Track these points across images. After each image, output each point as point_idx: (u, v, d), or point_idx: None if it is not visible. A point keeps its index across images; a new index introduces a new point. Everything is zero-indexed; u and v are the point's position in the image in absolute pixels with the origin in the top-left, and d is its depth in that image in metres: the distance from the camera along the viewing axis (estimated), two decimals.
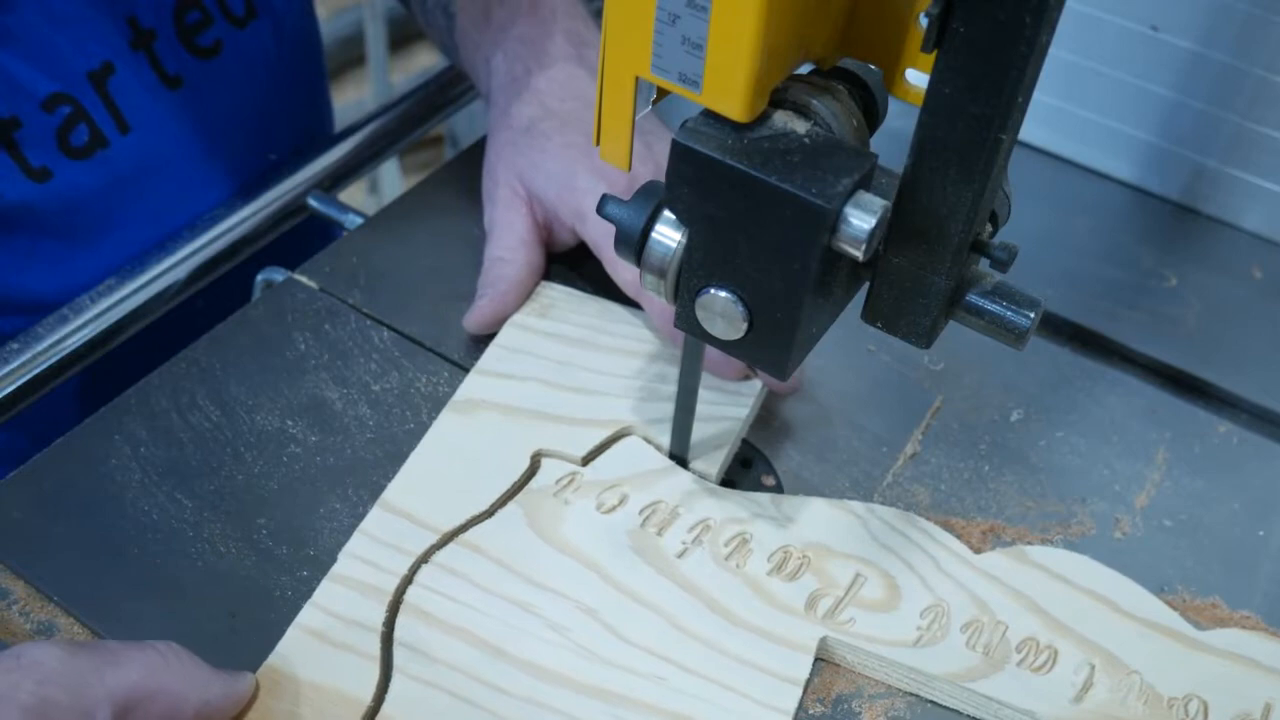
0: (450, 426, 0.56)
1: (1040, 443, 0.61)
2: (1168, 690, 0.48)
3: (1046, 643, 0.50)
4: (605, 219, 0.46)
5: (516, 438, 0.55)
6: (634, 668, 0.48)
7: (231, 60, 0.71)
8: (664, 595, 0.50)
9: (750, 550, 0.52)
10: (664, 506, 0.53)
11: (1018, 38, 0.36)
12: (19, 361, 0.61)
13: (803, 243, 0.41)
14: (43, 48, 0.63)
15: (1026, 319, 0.44)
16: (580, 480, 0.54)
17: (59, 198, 0.65)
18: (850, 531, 0.53)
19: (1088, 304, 0.68)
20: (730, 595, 0.51)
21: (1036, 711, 0.48)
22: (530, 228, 0.63)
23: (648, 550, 0.52)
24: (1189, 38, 0.69)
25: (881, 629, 0.50)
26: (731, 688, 0.48)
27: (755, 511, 0.54)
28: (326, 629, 0.49)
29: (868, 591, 0.51)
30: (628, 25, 0.40)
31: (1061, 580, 0.52)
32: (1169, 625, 0.51)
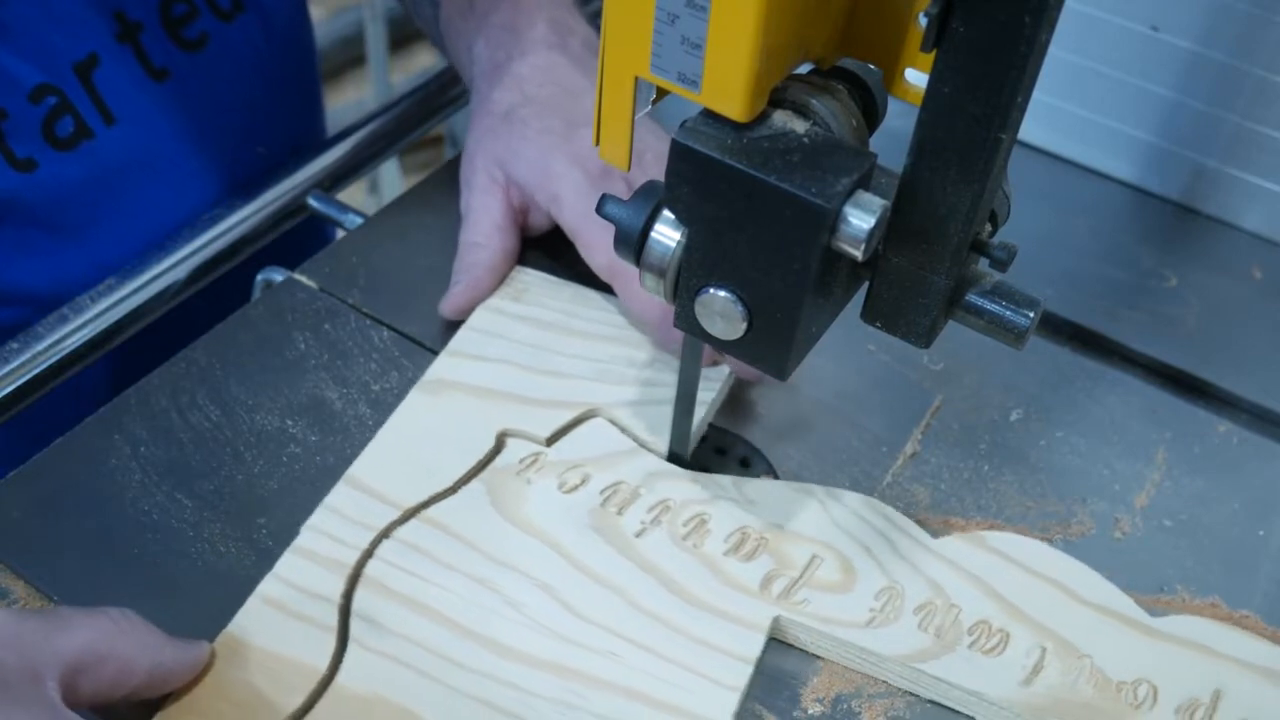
0: (418, 406, 0.57)
1: (1040, 443, 0.61)
2: (1118, 674, 0.49)
3: (999, 626, 0.50)
4: (605, 219, 0.46)
5: (483, 418, 0.56)
6: (588, 644, 0.49)
7: (218, 54, 0.71)
8: (621, 573, 0.51)
9: (709, 531, 0.53)
10: (625, 487, 0.54)
11: (1017, 37, 0.36)
12: (19, 361, 0.61)
13: (802, 242, 0.41)
14: (31, 39, 0.63)
15: (1026, 319, 0.44)
16: (544, 460, 0.55)
17: (44, 189, 0.65)
18: (810, 514, 0.54)
19: (1088, 304, 0.68)
20: (687, 574, 0.51)
21: (985, 693, 0.48)
22: (505, 213, 0.63)
23: (607, 529, 0.52)
24: (1189, 38, 0.69)
25: (835, 610, 0.50)
26: (683, 665, 0.48)
27: (716, 493, 0.54)
28: (286, 600, 0.49)
29: (823, 573, 0.52)
30: (627, 25, 0.40)
31: (1018, 565, 0.52)
32: (1122, 611, 0.51)
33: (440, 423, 0.56)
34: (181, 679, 0.46)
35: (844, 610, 0.50)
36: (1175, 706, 0.48)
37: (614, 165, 0.45)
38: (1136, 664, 0.49)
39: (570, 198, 0.61)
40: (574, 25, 0.67)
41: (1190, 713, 0.48)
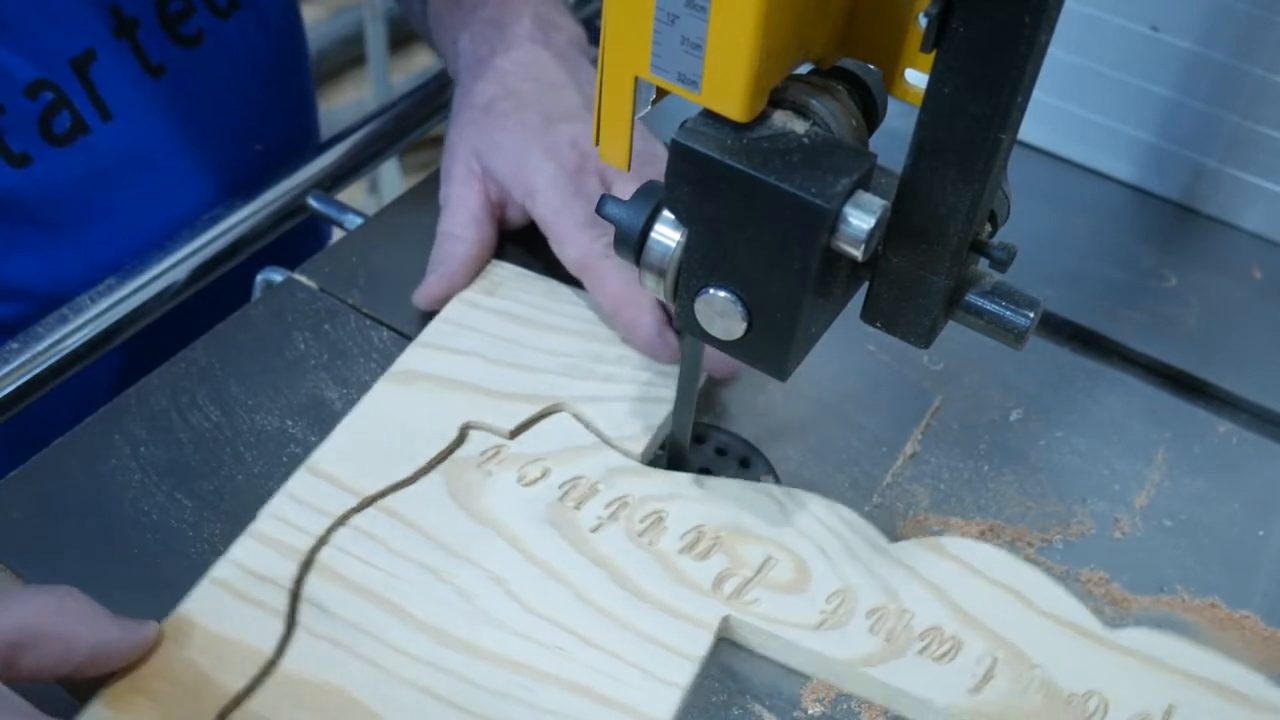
0: (385, 396, 0.57)
1: (1040, 443, 0.61)
2: (1069, 686, 0.48)
3: (951, 633, 0.50)
4: (605, 219, 0.46)
5: (449, 409, 0.56)
6: (536, 637, 0.49)
7: (215, 51, 0.71)
8: (573, 568, 0.51)
9: (665, 528, 0.53)
10: (584, 482, 0.54)
11: (1017, 37, 0.36)
12: (19, 361, 0.61)
13: (802, 242, 0.41)
14: (27, 34, 0.63)
15: (1026, 319, 0.44)
16: (505, 453, 0.55)
17: (40, 185, 0.65)
18: (767, 515, 0.53)
19: (1088, 304, 0.68)
20: (639, 571, 0.51)
21: (933, 700, 0.48)
22: (483, 205, 0.64)
23: (563, 524, 0.53)
24: (1189, 38, 0.69)
25: (785, 611, 0.50)
26: (629, 661, 0.48)
27: (674, 491, 0.54)
28: (237, 583, 0.49)
29: (777, 574, 0.51)
30: (627, 25, 0.40)
31: (975, 573, 0.52)
32: (1078, 622, 0.50)
33: (405, 413, 0.56)
34: (126, 658, 0.46)
35: (794, 612, 0.50)
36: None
37: (614, 165, 0.45)
38: (1089, 676, 0.49)
39: (545, 192, 0.61)
40: (560, 21, 0.67)
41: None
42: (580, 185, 0.62)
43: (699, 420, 0.59)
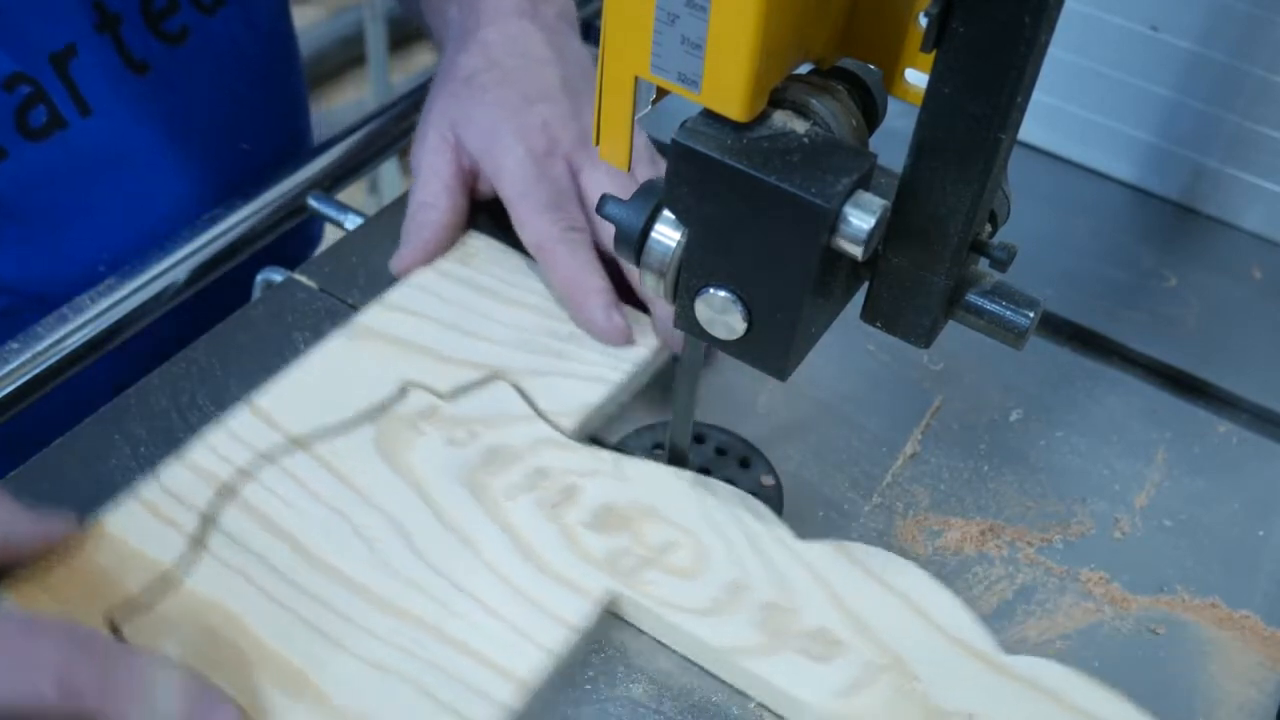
0: (336, 348, 0.59)
1: (1040, 443, 0.61)
2: (946, 703, 0.47)
3: (837, 636, 0.49)
4: (605, 219, 0.46)
5: (394, 367, 0.58)
6: (425, 588, 0.50)
7: (199, 48, 0.71)
8: (479, 530, 0.52)
9: (576, 502, 0.53)
10: (509, 450, 0.55)
11: (1017, 37, 0.36)
12: (19, 361, 0.61)
13: (802, 242, 0.41)
14: (7, 27, 0.62)
15: (1026, 318, 0.44)
16: (439, 414, 0.56)
17: (15, 179, 0.65)
18: (680, 500, 0.54)
19: (1088, 304, 0.68)
20: (540, 539, 0.52)
21: (802, 699, 0.48)
22: (455, 174, 0.64)
23: (479, 487, 0.53)
24: (1189, 38, 0.69)
25: (676, 595, 0.50)
26: (509, 622, 0.49)
27: (595, 468, 0.55)
28: (156, 501, 0.51)
29: (676, 558, 0.52)
30: (627, 25, 0.40)
31: (877, 581, 0.51)
32: (972, 642, 0.49)
33: (352, 366, 0.58)
34: (35, 551, 0.47)
35: (684, 596, 0.50)
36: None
37: (614, 165, 0.45)
38: (971, 697, 0.48)
39: (511, 172, 0.62)
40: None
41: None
42: (546, 169, 0.62)
43: (699, 420, 0.59)
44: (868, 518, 0.57)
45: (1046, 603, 0.54)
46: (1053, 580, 0.55)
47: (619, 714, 0.48)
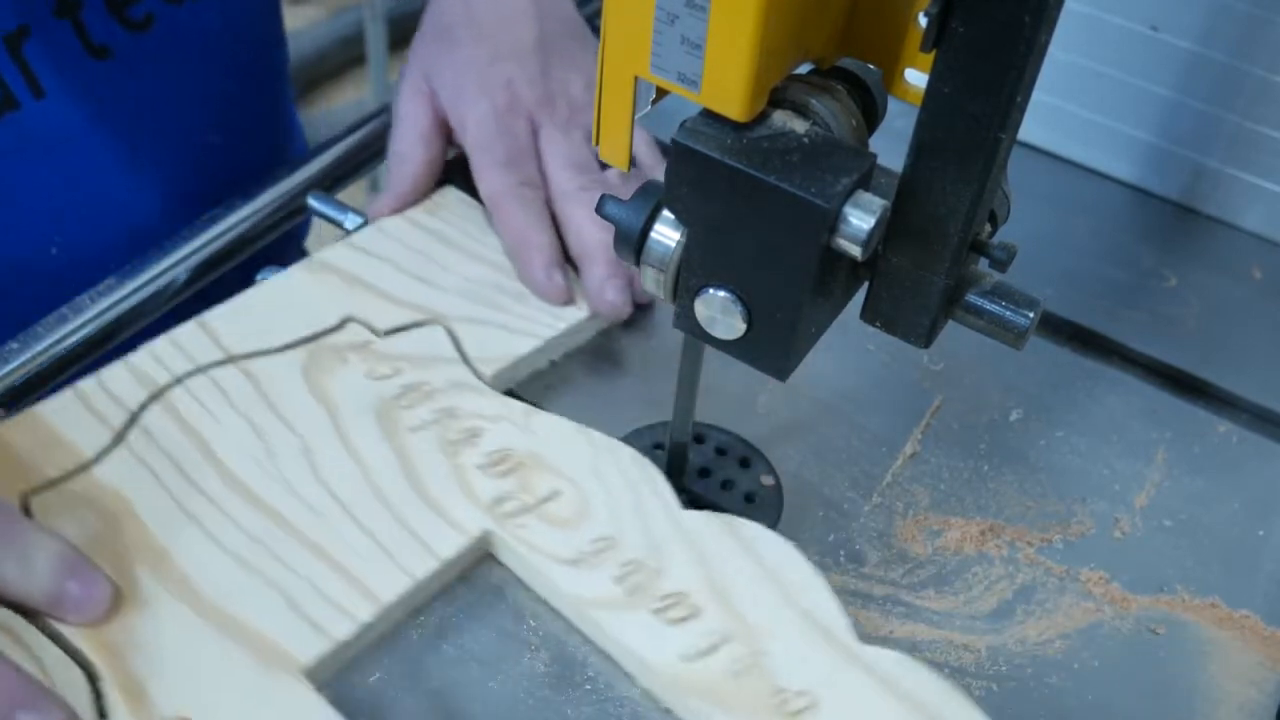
0: (293, 279, 0.62)
1: (1040, 443, 0.61)
2: (786, 679, 0.47)
3: (695, 602, 0.49)
4: (605, 218, 0.46)
5: (341, 302, 0.61)
6: (311, 503, 0.52)
7: (166, 37, 0.70)
8: (375, 456, 0.54)
9: (475, 445, 0.55)
10: (426, 389, 0.57)
11: (1017, 37, 0.36)
12: (19, 361, 0.61)
13: (802, 242, 0.41)
14: None
15: (1026, 318, 0.44)
16: (370, 348, 0.59)
17: None
18: (576, 454, 0.55)
19: (1088, 304, 0.68)
20: (432, 474, 0.53)
21: (646, 658, 0.48)
22: (431, 124, 0.67)
23: (387, 417, 0.56)
24: (1189, 38, 0.69)
25: (547, 542, 0.51)
26: (379, 542, 0.51)
27: (501, 414, 0.56)
28: (92, 396, 0.55)
29: (557, 507, 0.53)
30: (627, 25, 0.40)
31: (752, 557, 0.51)
32: (828, 625, 0.49)
33: (303, 297, 0.61)
34: None
35: (555, 545, 0.51)
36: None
37: (614, 165, 0.45)
38: (810, 677, 0.47)
39: (473, 126, 0.64)
40: None
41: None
42: (507, 125, 0.64)
43: (699, 420, 0.59)
44: (868, 517, 0.57)
45: (1046, 602, 0.54)
46: (1053, 580, 0.55)
47: (619, 714, 0.48)
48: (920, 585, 0.54)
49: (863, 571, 0.55)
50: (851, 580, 0.54)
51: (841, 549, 0.55)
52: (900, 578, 0.54)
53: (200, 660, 0.47)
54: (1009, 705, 0.50)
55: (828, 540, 0.56)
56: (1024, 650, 0.52)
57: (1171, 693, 0.51)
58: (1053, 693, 0.51)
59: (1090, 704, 0.51)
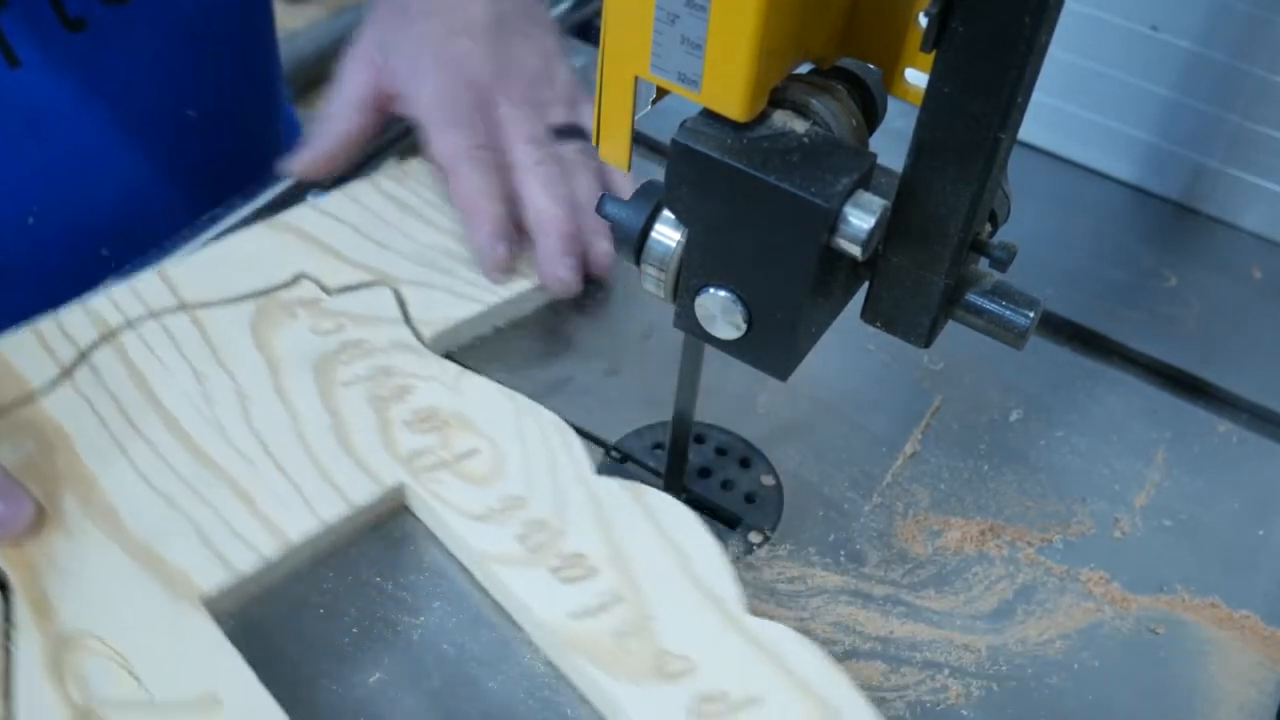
0: (256, 235, 0.64)
1: (1040, 442, 0.61)
2: (670, 643, 0.48)
3: (593, 563, 0.51)
4: (605, 218, 0.46)
5: (297, 260, 0.63)
6: (238, 445, 0.54)
7: (143, 11, 0.71)
8: (306, 405, 0.56)
9: (404, 401, 0.57)
10: (365, 346, 0.59)
11: (1017, 37, 0.36)
12: None
13: (802, 242, 0.41)
14: None
15: (1026, 318, 0.44)
16: (318, 305, 0.61)
17: None
18: (499, 415, 0.56)
19: (1088, 304, 0.68)
20: (358, 425, 0.56)
21: (537, 612, 0.49)
22: (370, 95, 0.68)
23: (323, 371, 0.58)
24: (1189, 38, 0.69)
25: (458, 497, 0.53)
26: (296, 485, 0.53)
27: (434, 375, 0.58)
28: (48, 333, 0.58)
29: (473, 465, 0.54)
30: (627, 25, 0.40)
31: (654, 525, 0.52)
32: (721, 596, 0.50)
33: (262, 253, 0.63)
34: None
35: (466, 500, 0.53)
36: (701, 692, 0.47)
37: (614, 165, 0.45)
38: (696, 644, 0.48)
39: (428, 98, 0.65)
40: None
41: (711, 702, 0.47)
42: (460, 96, 0.65)
43: (699, 420, 0.59)
44: (868, 517, 0.57)
45: (1046, 602, 0.54)
46: (1053, 580, 0.55)
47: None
48: (920, 585, 0.54)
49: (863, 571, 0.55)
50: (852, 580, 0.54)
51: (842, 549, 0.55)
52: (900, 578, 0.54)
53: (110, 584, 0.49)
54: (1009, 705, 0.50)
55: (828, 540, 0.56)
56: (1024, 650, 0.52)
57: (1171, 693, 0.51)
58: (1053, 693, 0.51)
59: (1090, 704, 0.51)
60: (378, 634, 0.50)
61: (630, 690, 0.47)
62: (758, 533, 0.56)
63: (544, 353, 0.63)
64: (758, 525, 0.56)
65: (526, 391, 0.60)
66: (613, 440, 0.59)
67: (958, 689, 0.51)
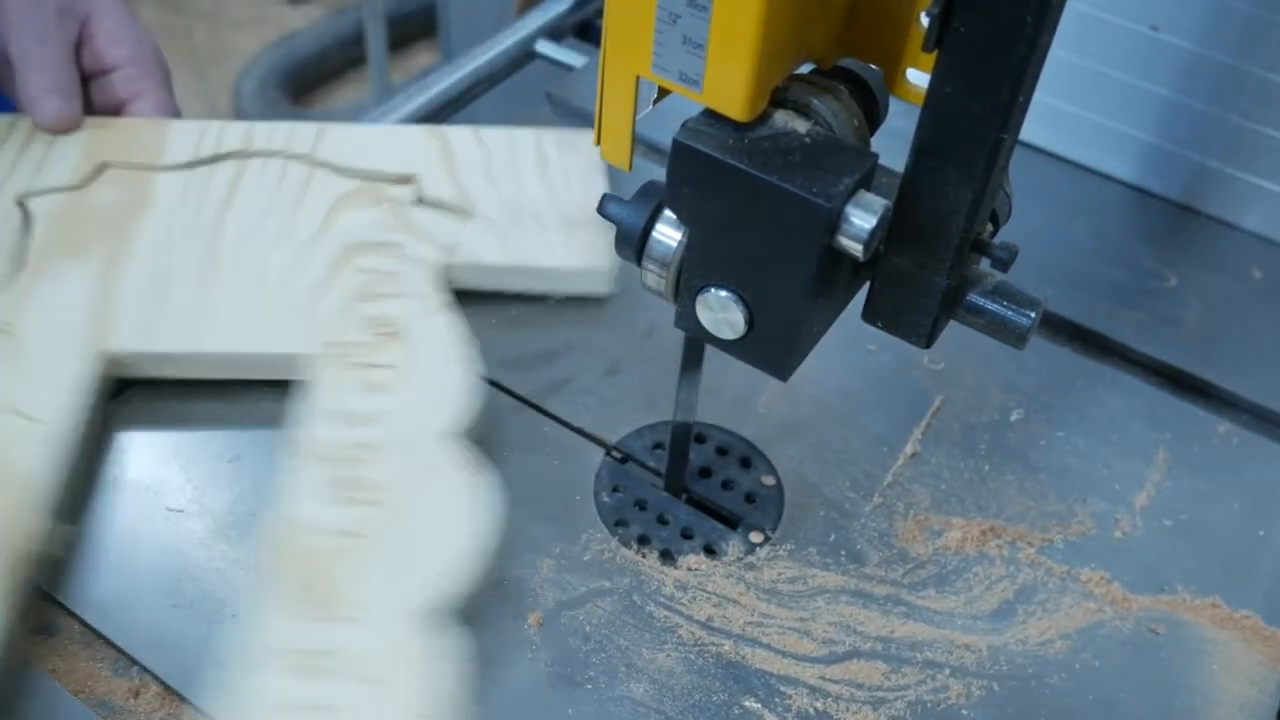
0: (411, 133, 0.71)
1: (1040, 443, 0.61)
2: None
3: (378, 482, 0.52)
4: (606, 218, 0.46)
5: (426, 165, 0.67)
6: (237, 267, 0.61)
7: None
8: (312, 263, 0.61)
9: (379, 302, 0.59)
10: (399, 251, 0.63)
11: (1018, 38, 0.36)
12: None
13: (803, 242, 0.41)
14: None
15: (1027, 319, 0.44)
16: (401, 209, 0.65)
17: None
18: (433, 354, 0.58)
19: (1088, 304, 0.68)
20: (332, 302, 0.59)
21: (294, 507, 0.51)
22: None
23: (352, 252, 0.62)
24: (1189, 38, 0.69)
25: (336, 389, 0.56)
26: (245, 309, 0.59)
27: (422, 299, 0.60)
28: (209, 132, 0.67)
29: (376, 375, 0.56)
30: (628, 24, 0.40)
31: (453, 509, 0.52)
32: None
33: (404, 149, 0.68)
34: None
35: (339, 394, 0.56)
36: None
37: (615, 165, 0.45)
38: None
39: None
40: None
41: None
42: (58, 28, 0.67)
43: (699, 420, 0.59)
44: (868, 517, 0.57)
45: (1047, 603, 0.54)
46: (1053, 580, 0.55)
47: (619, 714, 0.48)
48: (921, 585, 0.54)
49: (864, 571, 0.55)
50: (852, 580, 0.54)
51: (842, 549, 0.55)
52: (901, 578, 0.54)
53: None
54: (1009, 705, 0.50)
55: (828, 540, 0.56)
56: (1025, 650, 0.52)
57: (1171, 693, 0.51)
58: (1053, 692, 0.51)
59: (1091, 704, 0.51)
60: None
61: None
62: (758, 533, 0.56)
63: (544, 353, 0.63)
64: (758, 525, 0.56)
65: (527, 391, 0.60)
66: (613, 440, 0.59)
67: (958, 689, 0.51)
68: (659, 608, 0.52)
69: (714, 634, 0.52)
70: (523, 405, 0.60)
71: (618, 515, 0.56)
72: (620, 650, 0.51)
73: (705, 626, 0.52)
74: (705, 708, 0.49)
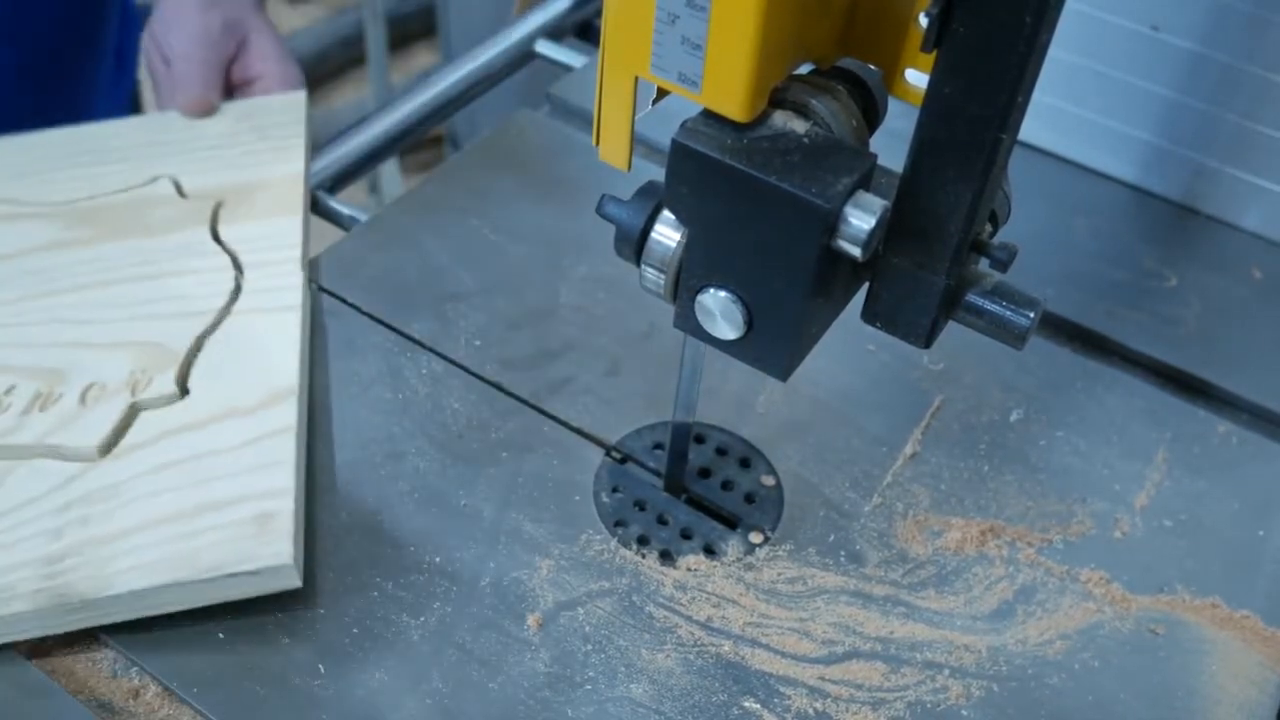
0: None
1: (1040, 443, 0.61)
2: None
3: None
4: (605, 219, 0.46)
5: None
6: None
7: None
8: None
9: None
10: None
11: (1017, 38, 0.36)
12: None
13: (802, 243, 0.41)
14: None
15: (1026, 319, 0.44)
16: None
17: None
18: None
19: (1088, 304, 0.68)
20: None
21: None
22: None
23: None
24: (1189, 38, 0.69)
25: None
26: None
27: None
28: None
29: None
30: (627, 25, 0.40)
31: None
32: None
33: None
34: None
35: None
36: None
37: (614, 165, 0.45)
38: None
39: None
40: None
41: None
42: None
43: (699, 420, 0.59)
44: (868, 517, 0.57)
45: (1047, 603, 0.54)
46: (1053, 580, 0.55)
47: (619, 714, 0.48)
48: (921, 585, 0.54)
49: (863, 571, 0.55)
50: (852, 580, 0.54)
51: (842, 549, 0.55)
52: (901, 578, 0.54)
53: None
54: (1009, 705, 0.50)
55: (828, 540, 0.56)
56: (1024, 650, 0.52)
57: (1171, 693, 0.51)
58: (1053, 693, 0.51)
59: (1090, 704, 0.51)
60: (378, 634, 0.50)
61: None
62: (758, 533, 0.56)
63: (544, 353, 0.63)
64: (758, 525, 0.56)
65: (526, 391, 0.60)
66: (612, 440, 0.59)
67: (958, 689, 0.51)
68: (658, 608, 0.52)
69: (713, 634, 0.52)
70: (523, 405, 0.60)
71: (617, 515, 0.56)
72: (620, 651, 0.51)
73: (705, 627, 0.52)
74: (705, 708, 0.49)
